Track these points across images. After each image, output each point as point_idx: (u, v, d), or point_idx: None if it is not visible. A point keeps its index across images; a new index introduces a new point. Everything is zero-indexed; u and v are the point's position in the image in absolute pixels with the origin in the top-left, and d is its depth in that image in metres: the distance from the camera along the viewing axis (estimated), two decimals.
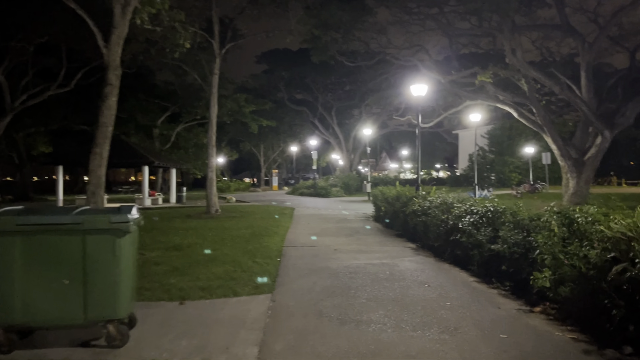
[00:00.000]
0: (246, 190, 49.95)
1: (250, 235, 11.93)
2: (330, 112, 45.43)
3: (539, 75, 17.32)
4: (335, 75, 40.72)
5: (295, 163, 64.50)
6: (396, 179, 50.59)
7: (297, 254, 9.20)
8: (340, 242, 10.77)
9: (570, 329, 4.56)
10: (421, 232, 9.97)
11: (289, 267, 7.78)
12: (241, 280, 6.79)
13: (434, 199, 9.76)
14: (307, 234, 12.37)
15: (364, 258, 8.55)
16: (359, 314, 5.08)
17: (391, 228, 13.16)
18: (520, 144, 41.11)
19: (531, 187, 30.75)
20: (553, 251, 5.00)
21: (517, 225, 6.23)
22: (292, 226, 14.21)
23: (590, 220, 4.99)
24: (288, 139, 53.26)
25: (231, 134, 52.88)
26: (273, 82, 42.91)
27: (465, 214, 7.87)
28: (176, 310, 5.36)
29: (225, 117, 34.31)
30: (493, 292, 6.08)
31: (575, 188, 19.11)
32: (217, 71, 19.15)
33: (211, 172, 18.38)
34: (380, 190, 15.31)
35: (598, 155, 18.81)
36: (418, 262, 8.16)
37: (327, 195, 33.65)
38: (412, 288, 6.24)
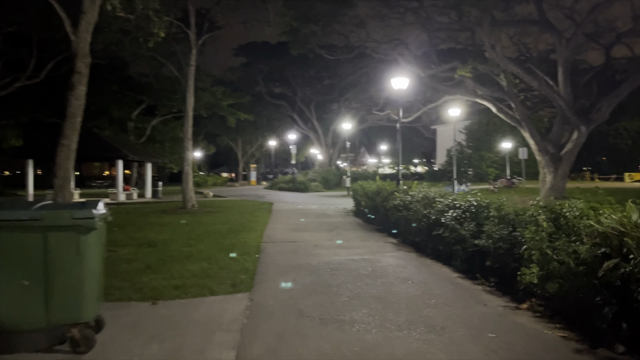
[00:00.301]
0: (224, 185, 49.32)
1: (228, 230, 11.61)
2: (309, 107, 45.09)
3: (518, 70, 17.36)
4: (314, 69, 40.39)
5: (274, 157, 64.00)
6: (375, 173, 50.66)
7: (276, 250, 8.94)
8: (320, 237, 10.55)
9: (559, 326, 4.43)
10: (402, 227, 9.82)
11: (268, 264, 7.53)
12: (218, 278, 6.51)
13: (416, 193, 9.61)
14: (286, 229, 12.12)
15: (344, 254, 8.34)
16: (341, 313, 4.87)
17: (372, 223, 13.00)
18: (497, 139, 41.55)
19: (508, 181, 31.10)
20: (541, 247, 4.86)
21: (502, 220, 6.10)
22: (271, 221, 13.93)
23: (578, 214, 4.86)
24: (266, 133, 52.75)
25: (208, 128, 52.08)
26: (251, 75, 42.32)
27: (447, 209, 7.73)
28: (148, 311, 5.05)
29: (202, 110, 33.68)
30: (478, 288, 5.94)
31: (552, 183, 19.29)
32: (193, 63, 18.66)
33: (187, 166, 17.93)
34: (360, 185, 15.14)
35: (574, 150, 19.01)
36: (400, 258, 7.99)
37: (306, 190, 33.40)
38: (395, 285, 6.06)
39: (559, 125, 19.99)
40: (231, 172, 77.11)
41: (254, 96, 44.23)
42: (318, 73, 42.62)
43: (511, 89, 19.09)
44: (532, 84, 17.47)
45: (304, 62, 36.84)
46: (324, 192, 32.73)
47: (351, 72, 31.55)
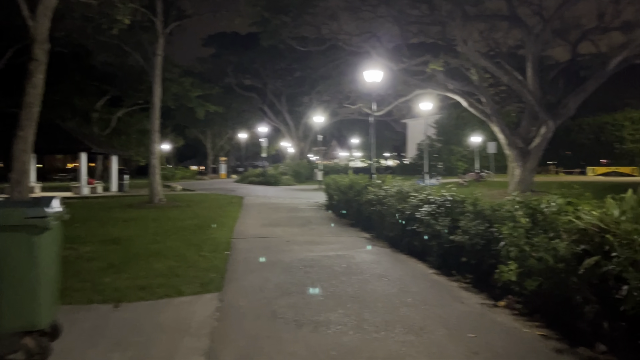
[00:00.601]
0: (193, 179, 48.40)
1: (196, 226, 11.26)
2: (280, 99, 44.62)
3: (489, 64, 17.50)
4: (285, 61, 39.91)
5: (244, 150, 63.27)
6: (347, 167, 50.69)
7: (247, 246, 8.67)
8: (292, 232, 10.33)
9: (538, 324, 4.35)
10: (376, 222, 9.70)
11: (239, 261, 7.26)
12: (186, 277, 6.21)
13: (390, 187, 9.49)
14: (258, 224, 11.84)
15: (318, 250, 8.15)
16: (316, 313, 4.67)
17: (345, 217, 12.85)
18: (466, 133, 42.07)
19: (477, 175, 31.54)
20: (518, 243, 4.77)
21: (479, 215, 6.01)
22: (241, 216, 13.62)
23: (556, 210, 4.79)
24: (236, 125, 51.97)
25: (177, 120, 50.95)
26: (221, 66, 41.50)
27: (422, 204, 7.62)
28: (110, 315, 4.74)
29: (170, 101, 32.84)
30: (454, 285, 5.84)
31: (521, 176, 19.60)
32: (160, 52, 18.05)
33: (154, 159, 17.38)
34: (333, 179, 14.97)
35: (542, 145, 19.35)
36: (374, 254, 7.86)
37: (277, 184, 33.07)
38: (370, 282, 5.90)
39: (527, 120, 20.29)
40: (200, 165, 75.91)
41: (224, 88, 43.45)
42: (289, 65, 42.15)
43: (481, 84, 19.26)
44: (503, 79, 17.64)
45: (275, 53, 36.36)
46: (295, 186, 32.48)
47: (323, 65, 31.28)
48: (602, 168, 43.24)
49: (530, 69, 19.31)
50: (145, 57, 22.01)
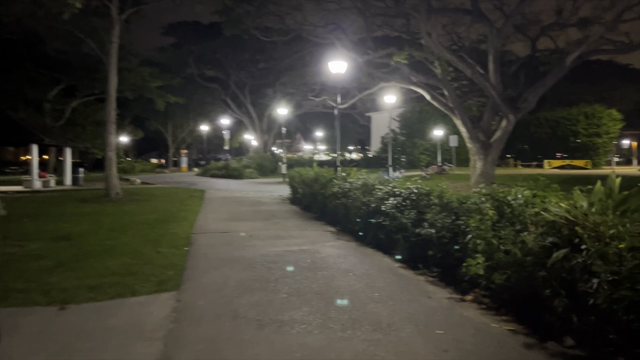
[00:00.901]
0: (153, 172, 47.11)
1: (155, 221, 10.80)
2: (243, 91, 43.82)
3: (453, 58, 17.61)
4: (248, 52, 39.16)
5: (207, 143, 62.06)
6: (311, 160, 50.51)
7: (207, 241, 8.34)
8: (256, 227, 10.05)
9: (507, 319, 4.27)
10: (341, 215, 9.54)
11: (199, 258, 6.95)
12: (141, 275, 5.86)
13: (355, 180, 9.34)
14: (219, 218, 11.49)
15: (282, 244, 7.92)
16: (280, 312, 4.45)
17: (309, 211, 12.65)
18: (429, 127, 42.60)
19: (439, 168, 31.95)
20: (486, 236, 4.69)
21: (445, 208, 5.92)
22: (203, 210, 13.21)
23: (523, 202, 4.73)
24: (198, 117, 50.88)
25: (136, 111, 49.49)
26: (182, 56, 40.32)
27: (388, 197, 7.50)
28: (55, 318, 4.37)
29: (128, 92, 31.76)
30: (420, 279, 5.73)
31: (482, 169, 19.90)
32: (116, 39, 17.26)
33: (110, 151, 16.66)
34: (297, 172, 14.73)
35: (503, 138, 19.69)
36: (340, 248, 7.69)
37: (240, 177, 32.54)
38: (336, 278, 5.72)
39: (489, 114, 20.61)
40: (161, 158, 74.12)
41: (185, 79, 42.36)
42: (253, 56, 41.41)
43: (445, 77, 19.40)
44: (466, 72, 17.81)
45: (238, 44, 35.62)
46: (259, 179, 32.04)
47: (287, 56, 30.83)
48: (558, 161, 44.66)
49: (492, 63, 19.56)
50: (100, 45, 21.06)
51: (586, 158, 43.48)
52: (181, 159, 53.57)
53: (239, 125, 54.23)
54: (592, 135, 43.90)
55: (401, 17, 23.36)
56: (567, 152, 45.35)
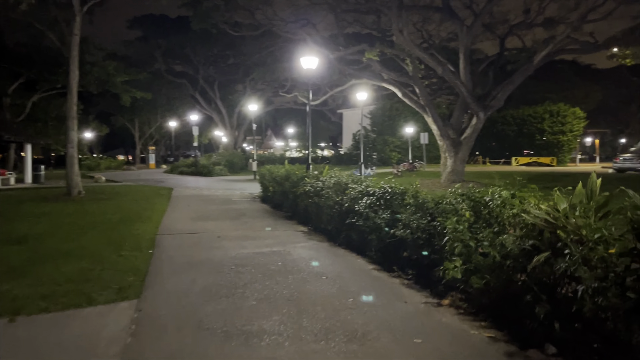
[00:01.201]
0: (119, 169, 45.80)
1: (118, 221, 10.32)
2: (212, 86, 43.00)
3: (424, 55, 17.59)
4: (218, 46, 38.39)
5: (175, 140, 60.81)
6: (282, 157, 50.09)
7: (173, 243, 7.96)
8: (224, 227, 9.70)
9: (485, 324, 4.11)
10: (313, 215, 9.30)
11: (163, 261, 6.59)
12: (100, 281, 5.48)
13: (327, 179, 9.10)
14: (187, 218, 11.08)
15: (251, 246, 7.62)
16: (248, 321, 4.17)
17: (280, 209, 12.37)
18: (399, 124, 42.81)
19: (410, 165, 32.09)
20: (463, 238, 4.52)
21: (420, 208, 5.74)
22: (169, 209, 12.74)
23: (500, 203, 4.58)
24: (166, 113, 49.69)
25: (101, 106, 48.03)
26: (148, 50, 39.22)
27: (361, 196, 7.30)
28: (4, 331, 3.98)
29: (92, 86, 30.63)
30: (395, 282, 5.54)
31: (453, 166, 20.01)
32: (77, 32, 16.50)
33: (72, 148, 15.93)
34: (268, 169, 14.41)
35: (473, 136, 19.84)
36: (312, 249, 7.44)
37: (210, 174, 31.91)
38: (308, 282, 5.48)
39: (459, 112, 20.74)
40: (128, 154, 72.29)
41: (153, 74, 41.26)
42: (222, 51, 40.63)
43: (416, 75, 19.38)
44: (437, 70, 17.81)
45: (207, 38, 34.90)
46: (228, 177, 31.49)
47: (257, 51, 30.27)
48: (525, 158, 45.64)
49: (462, 61, 19.67)
50: (61, 38, 20.18)
51: (551, 155, 44.56)
52: (149, 155, 52.26)
53: (208, 122, 53.30)
54: (557, 133, 44.99)
55: (372, 13, 23.28)
56: (533, 149, 46.35)
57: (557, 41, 18.27)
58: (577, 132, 45.53)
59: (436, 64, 17.65)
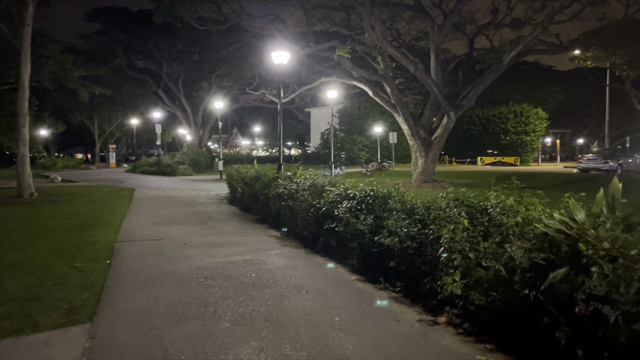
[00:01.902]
0: (77, 168, 43.82)
1: (73, 226, 9.48)
2: (176, 83, 41.66)
3: (396, 53, 17.25)
4: (182, 42, 37.15)
5: (137, 138, 58.89)
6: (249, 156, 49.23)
7: (134, 251, 7.26)
8: (191, 232, 9.03)
9: (490, 347, 3.67)
10: (287, 219, 8.73)
11: (122, 274, 5.91)
12: (48, 300, 4.77)
13: (302, 180, 8.56)
14: (149, 222, 10.32)
15: (221, 254, 7.00)
16: (222, 350, 3.60)
17: (250, 212, 11.75)
18: (368, 123, 42.67)
19: (379, 165, 31.91)
20: (462, 249, 4.08)
21: (408, 214, 5.29)
22: (130, 212, 11.92)
23: (502, 210, 4.16)
24: (128, 110, 47.94)
25: (58, 103, 45.89)
26: (108, 44, 37.58)
27: (340, 199, 6.81)
28: None
29: (47, 81, 29.03)
30: (383, 295, 5.07)
31: (424, 166, 19.81)
32: (29, 22, 15.36)
33: (23, 146, 14.81)
34: (236, 170, 13.75)
35: (444, 135, 19.70)
36: (287, 257, 6.89)
37: (174, 174, 30.82)
38: (287, 297, 4.93)
39: (429, 111, 20.56)
40: (87, 153, 69.65)
41: (113, 69, 39.67)
42: (187, 47, 39.40)
43: (387, 73, 19.05)
44: (409, 68, 17.52)
45: (171, 33, 33.70)
46: (193, 176, 30.49)
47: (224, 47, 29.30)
48: (490, 158, 46.33)
49: (433, 60, 19.50)
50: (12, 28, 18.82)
51: (515, 155, 45.39)
52: (109, 154, 50.33)
53: (172, 119, 51.81)
54: (521, 133, 45.83)
55: (342, 10, 22.86)
56: (498, 149, 47.08)
57: (527, 41, 18.31)
58: (540, 133, 46.53)
59: (408, 62, 17.36)
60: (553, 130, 54.37)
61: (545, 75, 54.79)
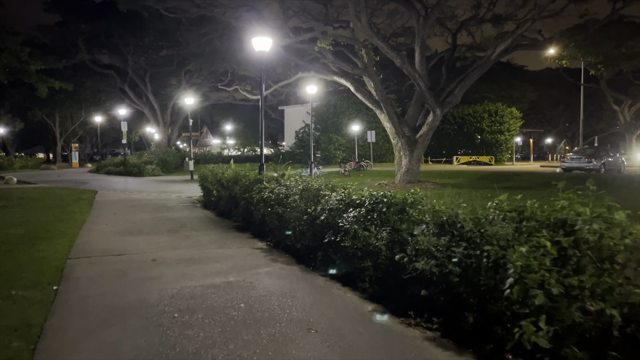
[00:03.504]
0: (37, 168, 41.18)
1: (20, 238, 7.99)
2: (143, 79, 39.56)
3: (382, 44, 16.15)
4: (149, 34, 35.12)
5: (102, 136, 56.25)
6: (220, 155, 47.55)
7: (90, 272, 5.89)
8: (161, 243, 7.68)
9: None
10: (274, 227, 7.48)
11: (71, 308, 4.57)
12: None
13: (293, 183, 7.34)
14: (112, 231, 8.90)
15: (199, 274, 5.72)
16: None
17: (227, 217, 10.44)
18: (344, 122, 41.70)
19: (357, 165, 30.91)
20: (545, 281, 2.97)
21: (445, 228, 4.15)
22: (90, 219, 10.43)
23: (602, 230, 3.06)
24: (91, 107, 45.45)
25: (15, 99, 43.12)
26: (69, 37, 35.23)
27: (343, 207, 5.64)
28: None
29: (2, 75, 26.85)
30: (416, 335, 3.91)
31: (408, 166, 18.86)
32: None
33: None
34: (211, 170, 12.39)
35: (429, 134, 18.78)
36: (281, 277, 5.66)
37: (141, 174, 28.98)
38: (292, 341, 3.72)
39: (414, 108, 19.62)
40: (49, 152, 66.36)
41: (76, 64, 37.33)
42: (155, 41, 37.36)
43: (371, 67, 17.97)
44: (395, 61, 16.47)
45: (137, 24, 31.74)
46: (162, 177, 28.74)
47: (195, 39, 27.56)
48: (465, 157, 46.03)
49: (418, 54, 18.55)
50: None
51: (490, 154, 45.21)
52: (72, 153, 47.71)
53: (139, 117, 49.55)
54: (496, 132, 45.68)
55: (320, 2, 21.69)
56: (472, 148, 46.84)
57: (516, 35, 17.58)
58: (514, 132, 46.51)
59: (395, 54, 16.30)
60: (526, 130, 54.64)
61: (518, 74, 54.98)
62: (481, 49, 23.94)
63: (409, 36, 24.51)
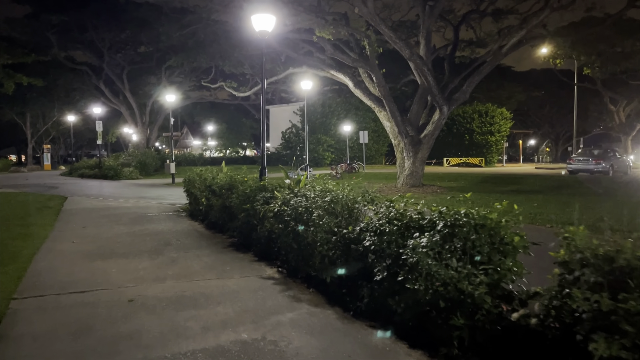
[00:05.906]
0: (5, 171, 38.51)
1: None
2: (120, 76, 37.24)
3: (390, 33, 14.52)
4: (127, 28, 32.88)
5: (77, 137, 53.48)
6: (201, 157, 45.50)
7: (39, 326, 4.11)
8: (140, 271, 5.91)
9: None
10: (289, 249, 5.77)
11: None
12: None
13: (313, 194, 5.63)
14: (78, 252, 7.08)
15: (197, 327, 3.99)
16: None
17: (220, 231, 8.70)
18: (333, 122, 40.18)
19: (348, 166, 29.34)
20: None
21: (600, 269, 2.53)
22: (53, 235, 8.56)
23: None
24: (65, 106, 42.83)
25: None
26: (40, 31, 32.76)
27: (405, 230, 3.99)
28: None
29: None
30: None
31: (412, 168, 17.39)
32: None
33: None
34: (199, 174, 10.59)
35: (435, 133, 17.33)
36: (314, 331, 3.96)
37: (118, 177, 26.86)
38: None
39: (418, 105, 18.17)
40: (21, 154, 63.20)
41: (49, 61, 34.86)
42: (132, 37, 35.12)
43: (374, 60, 16.40)
44: (403, 52, 14.89)
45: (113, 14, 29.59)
46: (141, 180, 26.66)
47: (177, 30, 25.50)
48: (456, 159, 44.91)
49: (423, 46, 17.13)
50: None
51: (480, 156, 44.15)
52: (44, 155, 45.01)
53: (116, 117, 47.08)
54: (486, 134, 44.64)
55: None
56: (462, 149, 45.70)
57: (530, 26, 16.21)
58: (505, 133, 45.56)
59: (403, 44, 14.71)
60: (515, 131, 53.86)
61: (506, 75, 54.20)
62: (482, 45, 22.72)
63: (404, 31, 23.08)
